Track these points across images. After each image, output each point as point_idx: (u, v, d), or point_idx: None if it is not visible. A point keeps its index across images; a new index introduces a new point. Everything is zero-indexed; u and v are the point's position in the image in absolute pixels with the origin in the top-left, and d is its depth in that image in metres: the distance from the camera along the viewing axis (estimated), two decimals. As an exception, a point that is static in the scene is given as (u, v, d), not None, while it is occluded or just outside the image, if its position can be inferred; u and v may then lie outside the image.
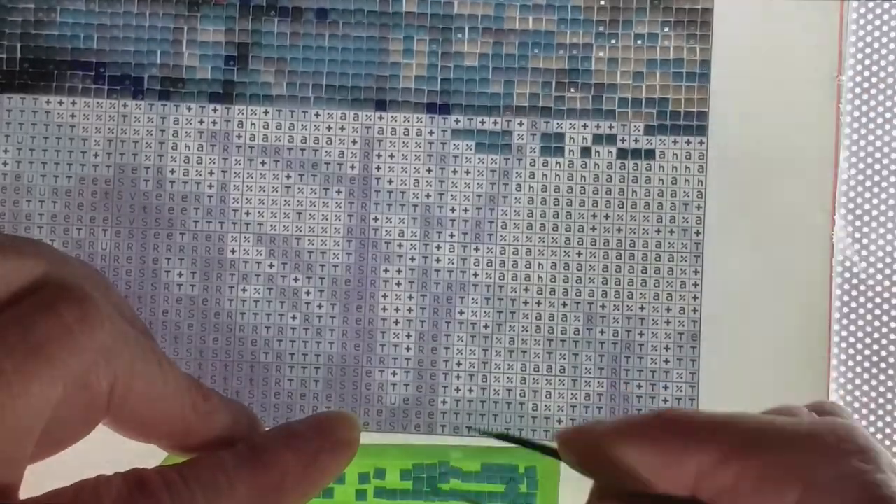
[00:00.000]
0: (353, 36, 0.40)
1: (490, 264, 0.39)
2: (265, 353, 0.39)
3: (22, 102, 0.40)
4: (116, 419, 0.22)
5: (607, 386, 0.39)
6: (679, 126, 0.39)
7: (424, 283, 0.39)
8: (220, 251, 0.39)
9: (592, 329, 0.39)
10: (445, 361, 0.39)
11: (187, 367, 0.39)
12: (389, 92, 0.40)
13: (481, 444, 0.39)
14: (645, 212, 0.39)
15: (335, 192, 0.39)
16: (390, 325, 0.39)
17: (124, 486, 0.20)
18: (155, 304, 0.39)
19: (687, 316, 0.39)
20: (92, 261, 0.39)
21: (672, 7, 0.39)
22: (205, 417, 0.24)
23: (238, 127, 0.40)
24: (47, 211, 0.40)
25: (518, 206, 0.39)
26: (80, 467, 0.22)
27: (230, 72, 0.40)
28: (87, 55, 0.40)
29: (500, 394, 0.39)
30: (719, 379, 0.39)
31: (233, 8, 0.40)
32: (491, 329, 0.39)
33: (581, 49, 0.39)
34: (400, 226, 0.39)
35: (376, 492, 0.37)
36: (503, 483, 0.37)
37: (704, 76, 0.39)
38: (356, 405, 0.39)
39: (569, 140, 0.39)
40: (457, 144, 0.39)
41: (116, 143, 0.40)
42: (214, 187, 0.39)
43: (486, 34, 0.39)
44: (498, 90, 0.39)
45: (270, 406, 0.39)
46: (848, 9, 0.39)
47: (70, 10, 0.40)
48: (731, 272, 0.39)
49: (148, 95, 0.40)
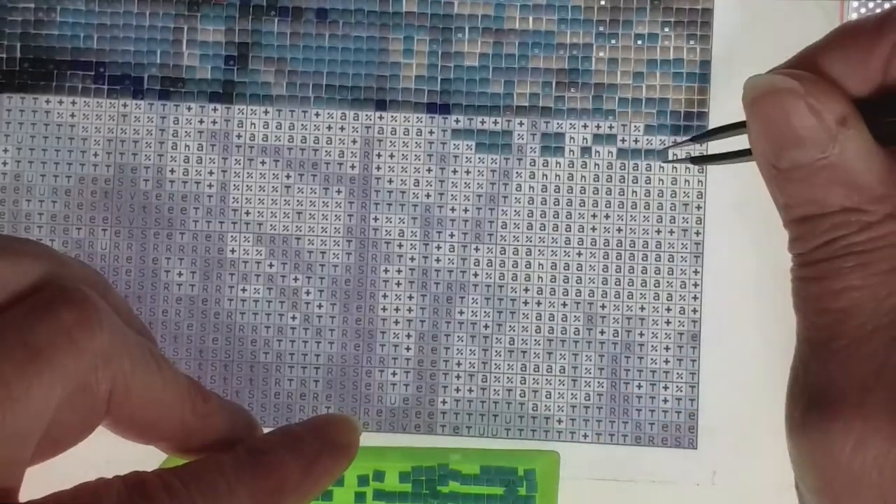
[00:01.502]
0: (353, 36, 0.40)
1: (490, 264, 0.39)
2: (265, 353, 0.39)
3: (22, 102, 0.40)
4: (116, 421, 0.22)
5: (607, 386, 0.39)
6: (679, 126, 0.39)
7: (424, 283, 0.39)
8: (220, 251, 0.39)
9: (592, 329, 0.39)
10: (445, 361, 0.39)
11: (187, 367, 0.39)
12: (389, 92, 0.40)
13: (480, 446, 0.39)
14: (645, 212, 0.39)
15: (335, 192, 0.39)
16: (390, 325, 0.39)
17: (124, 489, 0.20)
18: (155, 304, 0.39)
19: (687, 316, 0.39)
20: (92, 261, 0.39)
21: (672, 7, 0.39)
22: (204, 419, 0.24)
23: (238, 127, 0.40)
24: (47, 211, 0.39)
25: (518, 206, 0.39)
26: (79, 470, 0.22)
27: (230, 72, 0.40)
28: (87, 55, 0.40)
29: (500, 394, 0.39)
30: (719, 379, 0.39)
31: (233, 8, 0.40)
32: (491, 329, 0.39)
33: (581, 49, 0.39)
34: (400, 226, 0.39)
35: (375, 494, 0.38)
36: (502, 486, 0.37)
37: (704, 76, 0.39)
38: (356, 405, 0.39)
39: (569, 140, 0.39)
40: (457, 144, 0.39)
41: (116, 142, 0.40)
42: (214, 187, 0.39)
43: (486, 34, 0.39)
44: (498, 90, 0.39)
45: (270, 406, 0.39)
46: (848, 9, 0.39)
47: (70, 10, 0.40)
48: (731, 272, 0.39)
49: (148, 95, 0.40)
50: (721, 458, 0.38)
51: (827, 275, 0.22)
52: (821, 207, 0.22)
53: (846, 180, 0.22)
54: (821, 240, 0.23)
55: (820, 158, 0.22)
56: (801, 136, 0.22)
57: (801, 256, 0.23)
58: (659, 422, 0.39)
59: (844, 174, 0.22)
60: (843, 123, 0.22)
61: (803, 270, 0.23)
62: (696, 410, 0.39)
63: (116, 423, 0.22)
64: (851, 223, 0.22)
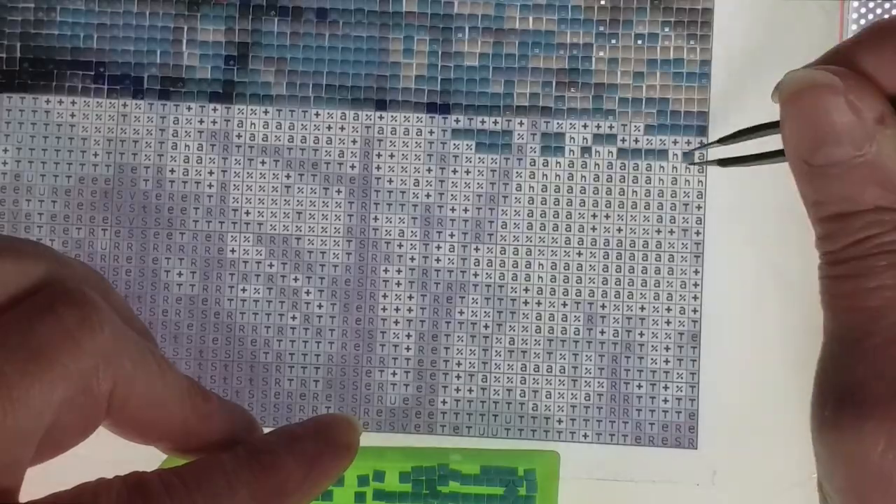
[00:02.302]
0: (353, 36, 0.40)
1: (490, 264, 0.39)
2: (265, 353, 0.39)
3: (22, 102, 0.40)
4: (116, 422, 0.22)
5: (607, 386, 0.39)
6: (679, 126, 0.39)
7: (424, 283, 0.39)
8: (220, 251, 0.39)
9: (592, 329, 0.39)
10: (445, 361, 0.39)
11: (187, 367, 0.39)
12: (389, 92, 0.40)
13: (481, 446, 0.39)
14: (645, 212, 0.39)
15: (335, 191, 0.39)
16: (390, 325, 0.39)
17: (124, 489, 0.20)
18: (155, 304, 0.39)
19: (687, 316, 0.39)
20: (92, 261, 0.39)
21: (672, 7, 0.39)
22: (204, 419, 0.24)
23: (238, 127, 0.40)
24: (47, 211, 0.39)
25: (518, 206, 0.39)
26: (80, 470, 0.22)
27: (230, 71, 0.40)
28: (87, 55, 0.40)
29: (500, 394, 0.39)
30: (719, 379, 0.39)
31: (233, 8, 0.40)
32: (491, 329, 0.39)
33: (581, 49, 0.39)
34: (400, 226, 0.39)
35: (375, 494, 0.38)
36: (503, 486, 0.37)
37: (704, 76, 0.39)
38: (356, 405, 0.39)
39: (569, 140, 0.39)
40: (457, 144, 0.39)
41: (116, 142, 0.40)
42: (214, 187, 0.39)
43: (486, 34, 0.39)
44: (498, 90, 0.39)
45: (270, 406, 0.39)
46: (848, 9, 0.39)
47: (70, 10, 0.40)
48: (731, 272, 0.39)
49: (148, 95, 0.40)
50: (721, 458, 0.38)
51: (860, 273, 0.22)
52: (854, 205, 0.22)
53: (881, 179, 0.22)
54: (853, 238, 0.23)
55: (856, 156, 0.22)
56: (839, 133, 0.22)
57: (832, 254, 0.23)
58: (659, 422, 0.39)
59: (880, 173, 0.22)
60: (881, 122, 0.22)
61: (834, 269, 0.23)
62: (696, 410, 0.39)
63: (117, 423, 0.22)
64: (885, 222, 0.22)
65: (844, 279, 0.23)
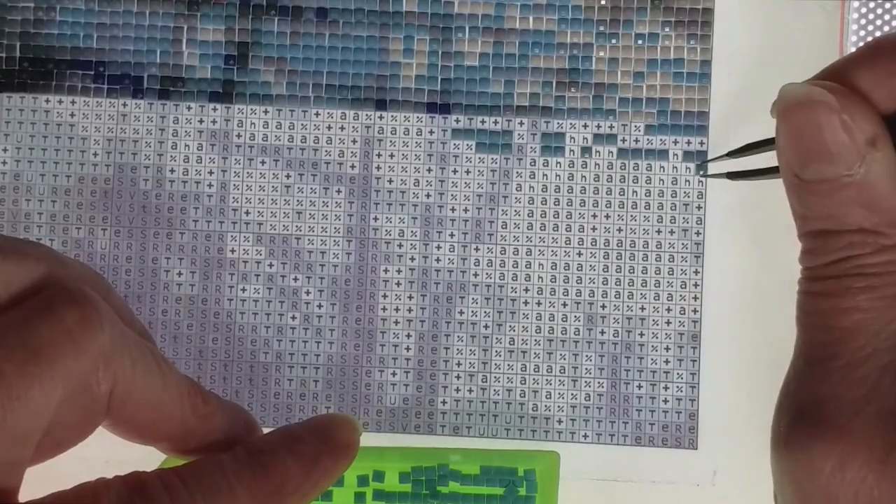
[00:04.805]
0: (353, 36, 0.40)
1: (490, 264, 0.39)
2: (265, 353, 0.39)
3: (21, 102, 0.40)
4: (116, 422, 0.22)
5: (607, 386, 0.39)
6: (679, 126, 0.39)
7: (424, 283, 0.39)
8: (220, 251, 0.39)
9: (592, 329, 0.39)
10: (445, 362, 0.39)
11: (187, 367, 0.39)
12: (389, 92, 0.40)
13: (480, 446, 0.39)
14: (645, 212, 0.39)
15: (335, 191, 0.39)
16: (390, 325, 0.39)
17: (124, 490, 0.20)
18: (155, 304, 0.39)
19: (687, 316, 0.39)
20: (92, 261, 0.39)
21: (672, 7, 0.39)
22: (204, 420, 0.24)
23: (238, 126, 0.40)
24: (47, 211, 0.39)
25: (518, 206, 0.39)
26: (79, 470, 0.22)
27: (230, 71, 0.40)
28: (86, 55, 0.40)
29: (500, 394, 0.39)
30: (719, 379, 0.39)
31: (233, 7, 0.40)
32: (491, 329, 0.39)
33: (581, 49, 0.39)
34: (400, 226, 0.39)
35: (375, 494, 0.37)
36: (502, 486, 0.37)
37: (704, 76, 0.39)
38: (356, 405, 0.39)
39: (569, 140, 0.39)
40: (457, 144, 0.39)
41: (116, 142, 0.40)
42: (214, 187, 0.39)
43: (486, 34, 0.39)
44: (498, 90, 0.39)
45: (270, 406, 0.39)
46: (848, 9, 0.39)
47: (70, 10, 0.40)
48: (731, 272, 0.39)
49: (148, 95, 0.40)
50: (721, 458, 0.38)
51: (835, 292, 0.22)
52: (838, 224, 0.22)
53: (868, 201, 0.22)
54: (834, 256, 0.23)
55: (845, 175, 0.22)
56: (831, 152, 0.22)
57: (812, 270, 0.23)
58: (659, 422, 0.39)
59: (867, 195, 0.22)
60: (872, 144, 0.22)
61: (812, 284, 0.23)
62: (696, 410, 0.39)
63: (117, 423, 0.22)
64: (867, 244, 0.22)
65: (820, 297, 0.23)
